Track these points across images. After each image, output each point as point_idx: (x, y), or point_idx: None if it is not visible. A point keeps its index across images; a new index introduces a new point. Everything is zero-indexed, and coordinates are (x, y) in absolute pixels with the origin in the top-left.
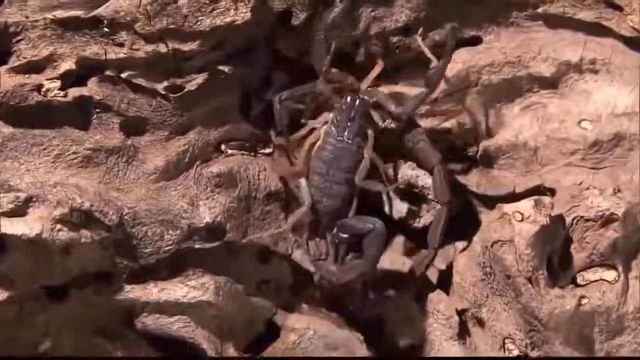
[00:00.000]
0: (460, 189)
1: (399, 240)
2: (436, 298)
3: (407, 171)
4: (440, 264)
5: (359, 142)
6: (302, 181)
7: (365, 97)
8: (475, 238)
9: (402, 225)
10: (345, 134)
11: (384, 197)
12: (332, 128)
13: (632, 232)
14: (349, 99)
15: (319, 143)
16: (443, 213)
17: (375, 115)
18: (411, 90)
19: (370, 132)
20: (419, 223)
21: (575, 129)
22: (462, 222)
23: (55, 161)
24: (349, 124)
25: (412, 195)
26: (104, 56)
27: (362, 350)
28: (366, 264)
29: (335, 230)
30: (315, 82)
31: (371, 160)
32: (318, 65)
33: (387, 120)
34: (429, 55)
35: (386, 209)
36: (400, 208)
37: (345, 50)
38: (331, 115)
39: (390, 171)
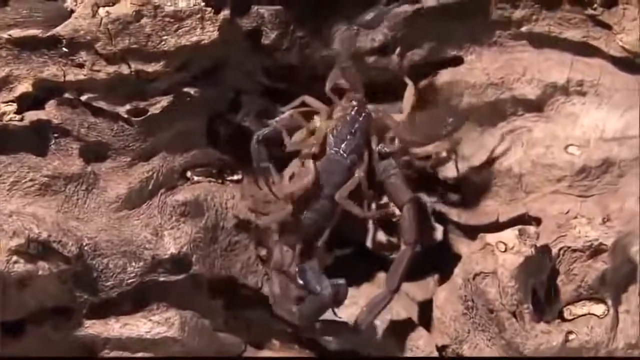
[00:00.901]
0: (441, 218)
1: (380, 275)
2: (415, 334)
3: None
4: (419, 297)
5: (354, 159)
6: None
7: (372, 114)
8: (457, 270)
9: (381, 257)
10: (343, 146)
11: (369, 228)
12: (331, 136)
13: (621, 263)
14: (354, 110)
15: (314, 149)
16: (406, 254)
17: (374, 136)
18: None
19: (366, 153)
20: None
21: (562, 154)
22: (442, 253)
23: (11, 189)
24: (348, 137)
25: (393, 225)
26: (63, 78)
27: None
28: (299, 318)
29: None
30: (291, 106)
31: (359, 182)
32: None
33: (381, 144)
34: (406, 80)
35: (368, 241)
36: (380, 239)
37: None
38: (332, 121)
39: (373, 205)
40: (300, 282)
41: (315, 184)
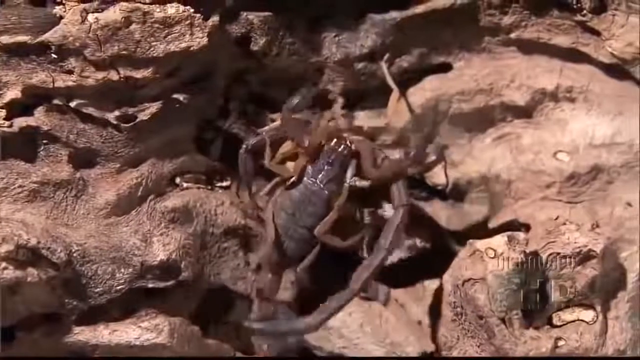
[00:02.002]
0: (430, 224)
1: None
2: (404, 340)
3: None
4: (408, 303)
5: (332, 189)
6: (269, 216)
7: (352, 146)
8: (446, 276)
9: None
10: (320, 176)
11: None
12: (309, 167)
13: (611, 269)
14: (334, 142)
15: (293, 179)
16: (379, 257)
17: (351, 167)
18: (375, 120)
19: (345, 184)
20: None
21: (551, 160)
22: (431, 259)
23: None
24: (326, 167)
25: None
26: (52, 84)
27: None
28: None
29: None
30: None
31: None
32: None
33: (355, 178)
34: (392, 84)
35: (362, 252)
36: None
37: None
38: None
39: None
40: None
41: (293, 214)
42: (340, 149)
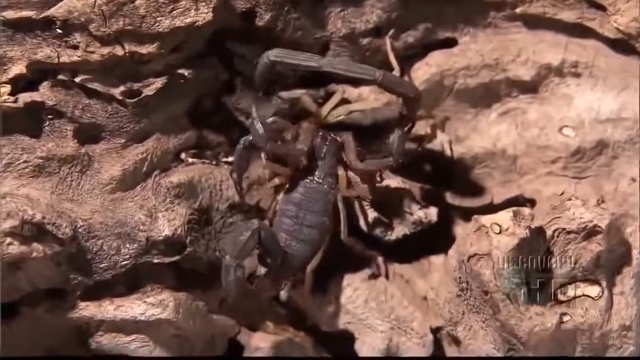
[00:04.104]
0: (435, 200)
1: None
2: (410, 315)
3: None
4: (414, 279)
5: (331, 182)
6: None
7: (337, 138)
8: (451, 252)
9: (374, 239)
10: (316, 173)
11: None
12: (303, 167)
13: (616, 245)
14: (319, 138)
15: (287, 186)
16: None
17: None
18: (377, 94)
19: (341, 172)
20: (392, 236)
21: (557, 136)
22: (437, 234)
23: (4, 171)
24: (319, 163)
25: (386, 206)
26: (57, 59)
27: None
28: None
29: None
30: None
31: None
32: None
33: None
34: (393, 62)
35: (362, 224)
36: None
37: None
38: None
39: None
40: None
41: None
42: (328, 142)
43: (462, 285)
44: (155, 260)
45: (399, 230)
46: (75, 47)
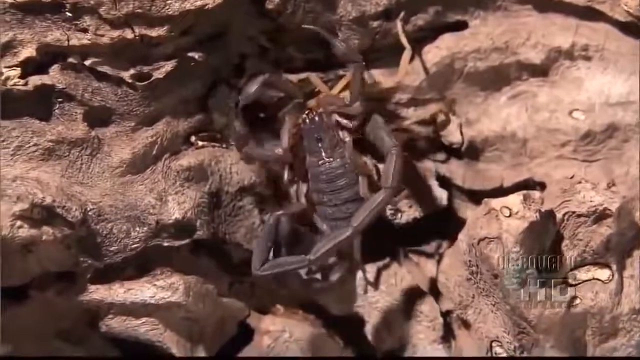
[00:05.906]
0: (445, 183)
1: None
2: (420, 299)
3: None
4: (423, 262)
5: (340, 153)
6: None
7: (321, 111)
8: (461, 235)
9: (385, 222)
10: (323, 154)
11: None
12: (309, 158)
13: (626, 228)
14: (306, 122)
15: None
16: (382, 197)
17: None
18: (387, 77)
19: (346, 138)
20: (402, 219)
21: (567, 119)
22: (446, 218)
23: (14, 154)
24: (319, 144)
25: None
26: (67, 42)
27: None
28: None
29: None
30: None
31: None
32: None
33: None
34: (405, 43)
35: (360, 190)
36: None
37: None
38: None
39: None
40: None
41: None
42: (316, 120)
43: (472, 269)
44: (165, 244)
45: (410, 214)
46: (85, 30)
